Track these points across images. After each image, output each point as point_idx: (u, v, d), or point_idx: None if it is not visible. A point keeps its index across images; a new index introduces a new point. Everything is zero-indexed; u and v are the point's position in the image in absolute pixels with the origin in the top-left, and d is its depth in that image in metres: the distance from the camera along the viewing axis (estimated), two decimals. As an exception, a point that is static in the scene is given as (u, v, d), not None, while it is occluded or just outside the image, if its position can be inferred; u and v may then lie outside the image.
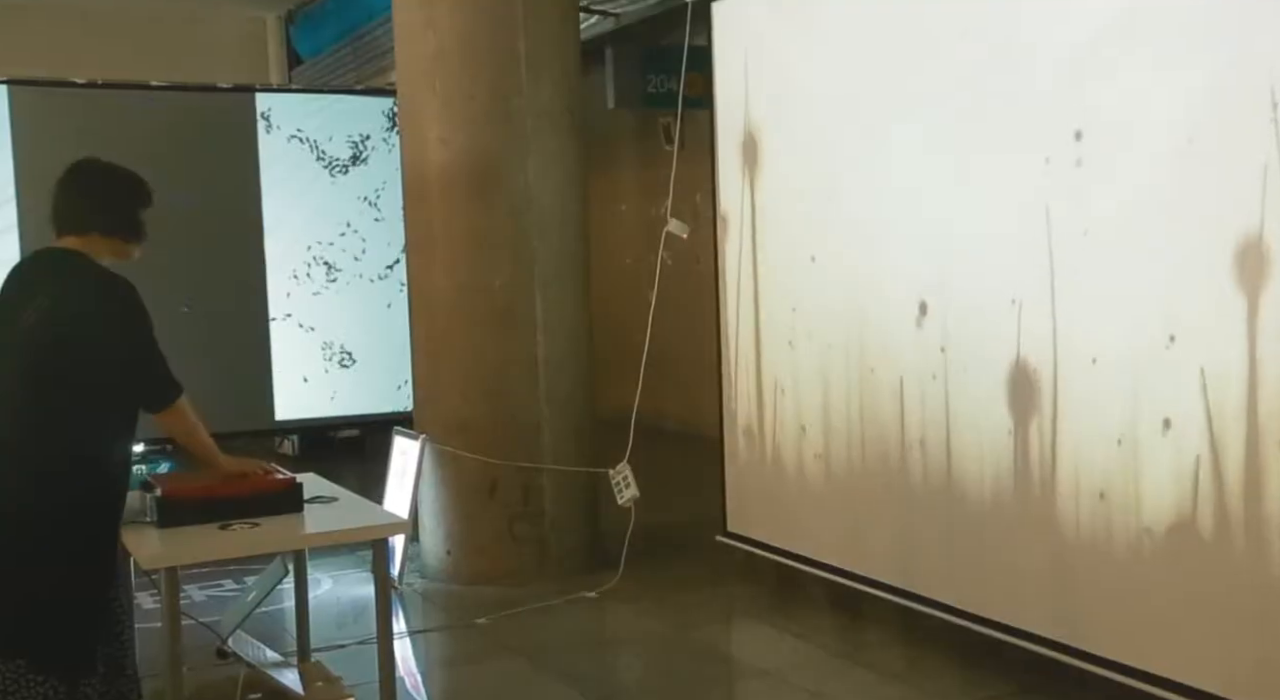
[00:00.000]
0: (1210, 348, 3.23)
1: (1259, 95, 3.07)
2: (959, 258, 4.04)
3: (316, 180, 7.70)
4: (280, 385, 7.60)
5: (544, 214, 5.37)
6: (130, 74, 8.26)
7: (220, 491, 3.40)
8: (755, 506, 5.23)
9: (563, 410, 5.43)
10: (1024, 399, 3.81)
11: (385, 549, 3.57)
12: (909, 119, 4.21)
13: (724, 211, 5.27)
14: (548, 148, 5.38)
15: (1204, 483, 3.27)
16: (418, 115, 5.44)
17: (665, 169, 5.62)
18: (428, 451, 5.43)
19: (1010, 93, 3.80)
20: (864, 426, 4.52)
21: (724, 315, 5.31)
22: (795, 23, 4.76)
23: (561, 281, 5.44)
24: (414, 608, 5.19)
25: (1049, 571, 3.78)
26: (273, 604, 4.80)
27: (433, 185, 5.40)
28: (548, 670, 4.35)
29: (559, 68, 5.42)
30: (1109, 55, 3.47)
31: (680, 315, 7.50)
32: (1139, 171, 3.41)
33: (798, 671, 4.22)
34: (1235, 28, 3.14)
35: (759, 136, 5.01)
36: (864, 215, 4.46)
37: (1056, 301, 3.68)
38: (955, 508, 4.11)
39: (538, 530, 5.39)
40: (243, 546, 3.35)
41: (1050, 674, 3.82)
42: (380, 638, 3.42)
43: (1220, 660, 3.28)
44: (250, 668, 3.80)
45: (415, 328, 5.65)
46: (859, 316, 4.51)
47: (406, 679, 4.43)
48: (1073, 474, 3.67)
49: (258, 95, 7.69)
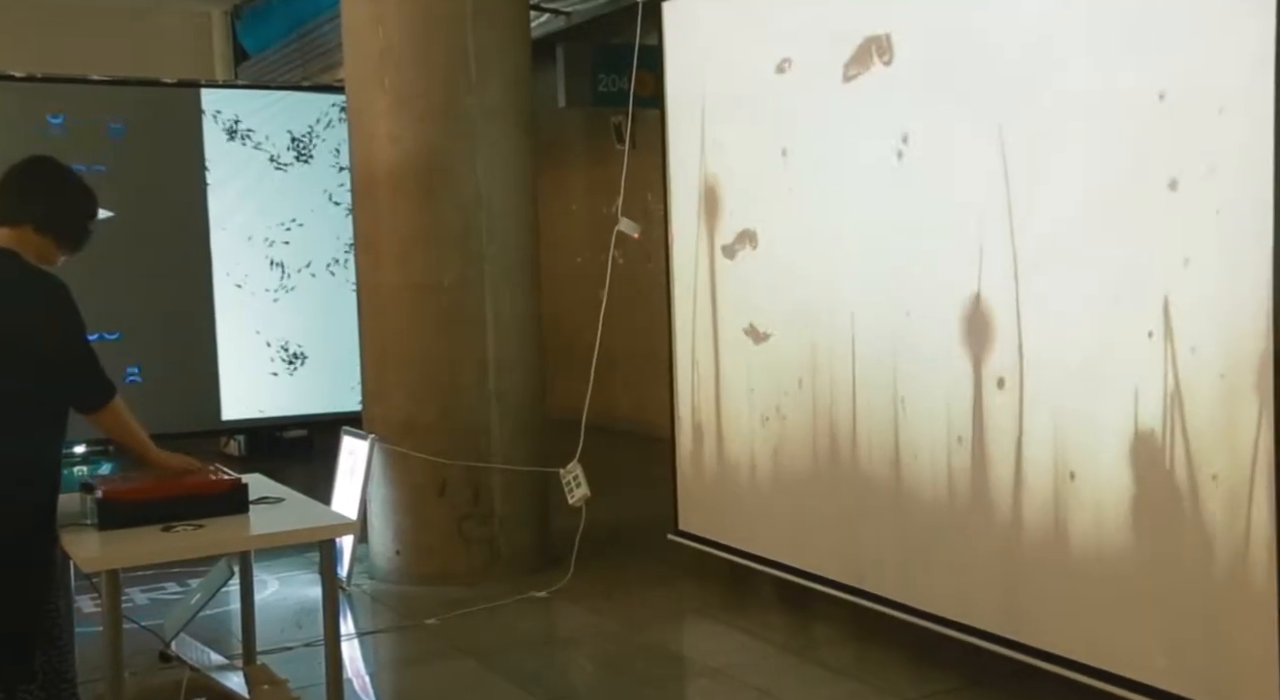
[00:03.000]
0: (1156, 347, 3.28)
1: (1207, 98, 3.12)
2: (913, 255, 4.07)
3: (263, 177, 7.62)
4: (227, 385, 7.51)
5: (494, 212, 5.35)
6: (72, 68, 8.12)
7: (163, 493, 3.35)
8: (706, 505, 5.24)
9: (513, 409, 5.41)
10: (973, 398, 3.85)
11: (332, 550, 3.53)
12: (860, 116, 4.23)
13: (675, 211, 5.27)
14: (498, 146, 5.35)
15: (1148, 482, 3.33)
16: (367, 112, 5.40)
17: (616, 168, 5.62)
18: (376, 451, 5.39)
19: (965, 84, 3.83)
20: (814, 425, 4.54)
21: (675, 314, 5.32)
22: (746, 21, 4.78)
23: (512, 280, 5.42)
24: (362, 609, 5.15)
25: (995, 568, 3.82)
26: (217, 606, 4.74)
27: (381, 183, 5.36)
28: (497, 670, 4.33)
29: (509, 66, 5.40)
30: (1059, 55, 3.52)
31: (631, 314, 7.51)
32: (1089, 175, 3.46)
33: (747, 669, 4.23)
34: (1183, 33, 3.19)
35: (710, 135, 5.02)
36: (816, 213, 4.48)
37: (1005, 303, 3.72)
38: (904, 506, 4.15)
39: (487, 530, 5.37)
40: (186, 548, 3.29)
41: (997, 668, 3.87)
42: (327, 639, 3.38)
43: (1161, 654, 3.33)
44: (194, 671, 3.75)
45: (363, 326, 5.60)
46: (810, 316, 4.53)
47: (354, 680, 4.39)
48: (1019, 473, 3.71)
49: (203, 91, 7.60)
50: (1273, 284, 2.98)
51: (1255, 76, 2.98)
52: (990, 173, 3.72)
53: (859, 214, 4.27)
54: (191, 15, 12.21)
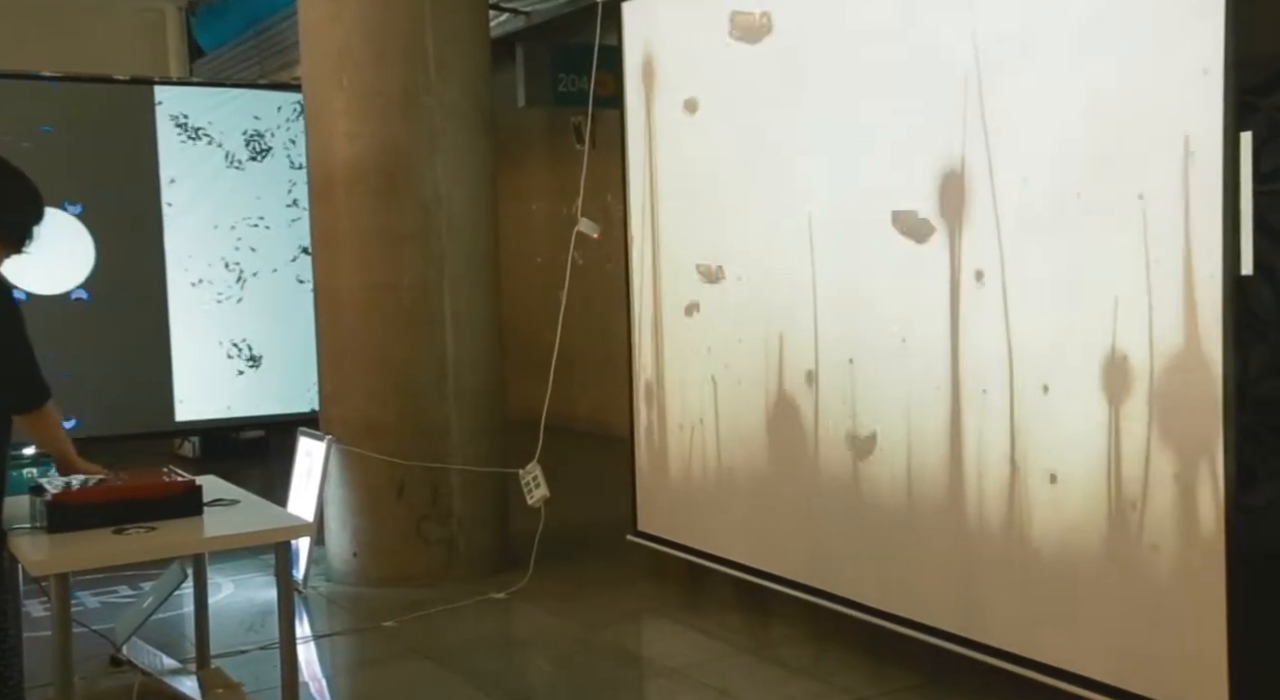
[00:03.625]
0: (1105, 349, 3.32)
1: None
2: (866, 256, 4.10)
3: (219, 175, 7.53)
4: (181, 385, 7.42)
5: (453, 212, 5.33)
6: (22, 63, 7.98)
7: (115, 495, 3.30)
8: (665, 506, 5.24)
9: (472, 410, 5.39)
10: (928, 399, 3.88)
11: (288, 552, 3.50)
12: (816, 120, 4.25)
13: (634, 210, 5.27)
14: (457, 145, 5.33)
15: (1102, 482, 3.36)
16: (324, 110, 5.35)
17: (576, 168, 5.61)
18: (334, 452, 5.35)
19: (923, 94, 3.86)
20: (771, 425, 4.55)
21: (634, 315, 5.31)
22: (705, 21, 4.78)
23: (471, 280, 5.40)
24: (319, 611, 5.11)
25: (952, 568, 3.85)
26: (171, 610, 4.69)
27: (339, 182, 5.32)
28: (456, 672, 4.31)
29: (468, 64, 5.37)
30: (1011, 64, 3.55)
31: (591, 315, 7.50)
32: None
33: (706, 669, 4.23)
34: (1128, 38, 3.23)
35: (667, 136, 5.02)
36: (772, 212, 4.49)
37: (959, 303, 3.75)
38: (861, 505, 4.17)
39: (446, 531, 5.34)
40: (138, 551, 3.25)
41: (955, 666, 3.89)
42: (283, 642, 3.35)
43: (1114, 652, 3.37)
44: (146, 676, 3.70)
45: (321, 326, 5.56)
46: (766, 316, 4.54)
47: (311, 684, 4.35)
48: (975, 473, 3.74)
49: (158, 88, 7.49)
50: (1222, 284, 3.03)
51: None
52: (956, 176, 3.75)
53: (817, 214, 4.28)
54: (145, 11, 12.06)
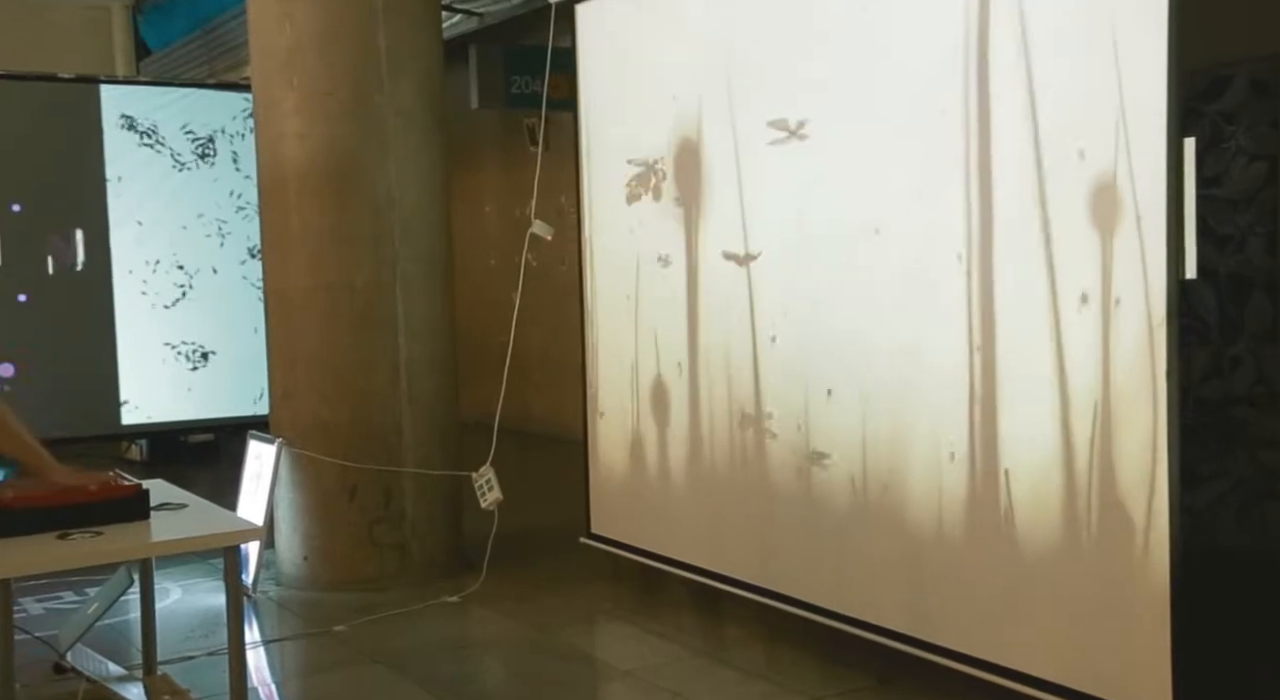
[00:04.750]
0: (1052, 350, 3.36)
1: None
2: (816, 256, 4.12)
3: (167, 176, 7.45)
4: (127, 388, 7.32)
5: (406, 213, 5.29)
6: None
7: (59, 499, 3.24)
8: (619, 508, 5.24)
9: (425, 412, 5.36)
10: (873, 402, 3.91)
11: (237, 556, 3.46)
12: (769, 117, 4.27)
13: (587, 213, 5.27)
14: (410, 146, 5.30)
15: (1053, 483, 3.41)
16: (274, 110, 5.30)
17: (530, 170, 5.60)
18: (285, 455, 5.29)
19: (872, 92, 3.89)
20: (726, 427, 4.57)
21: (587, 317, 5.31)
22: (658, 24, 4.79)
23: (424, 281, 5.37)
24: (269, 616, 5.05)
25: (903, 568, 3.88)
26: (117, 616, 4.61)
27: (290, 182, 5.27)
28: (408, 676, 4.28)
29: (421, 65, 5.34)
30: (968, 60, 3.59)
31: (545, 317, 7.49)
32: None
33: (660, 671, 4.24)
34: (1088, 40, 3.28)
35: (618, 138, 5.02)
36: (725, 211, 4.51)
37: (911, 304, 3.79)
38: (814, 506, 4.19)
39: (399, 534, 5.30)
40: (83, 556, 3.19)
41: (907, 667, 3.93)
42: (231, 647, 3.30)
43: (1062, 652, 3.41)
44: (90, 683, 3.64)
45: (271, 328, 5.50)
46: (719, 318, 4.56)
47: (260, 690, 4.31)
48: (925, 475, 3.77)
49: (103, 87, 7.39)
50: (1166, 288, 3.08)
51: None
52: (917, 175, 3.79)
53: (768, 213, 4.31)
54: (90, 9, 11.87)
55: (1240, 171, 3.33)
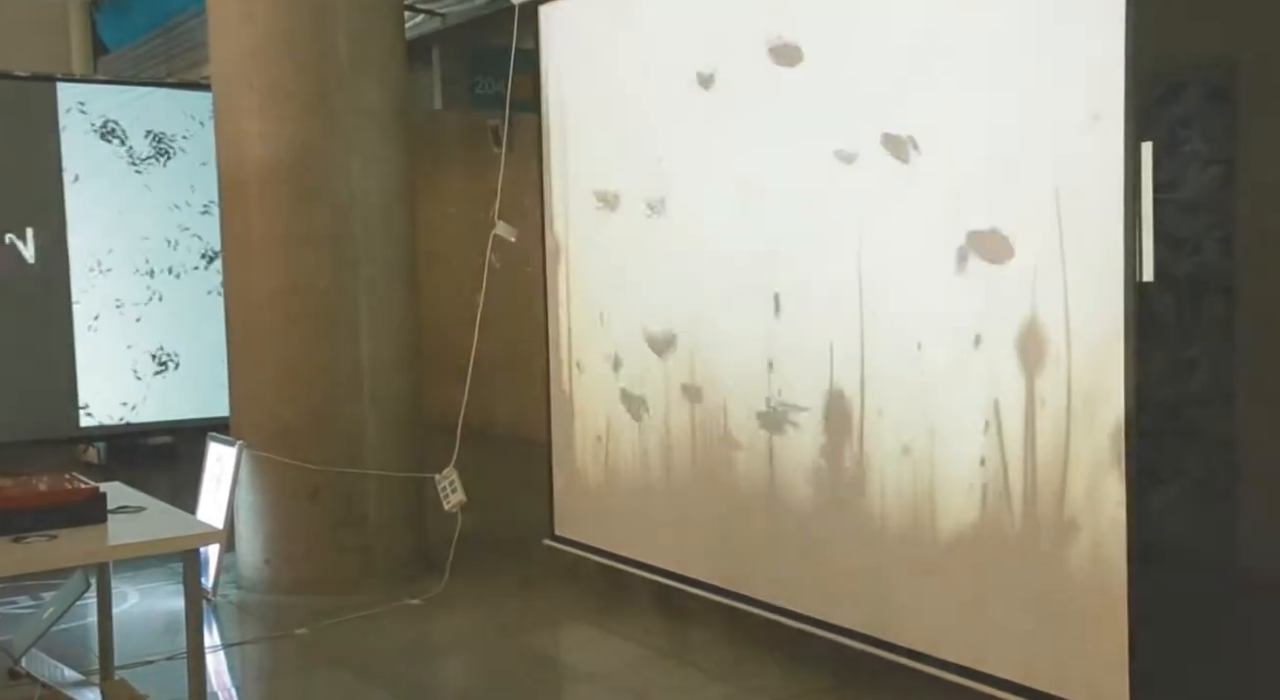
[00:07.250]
0: (1011, 352, 3.39)
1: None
2: (786, 258, 4.14)
3: (126, 176, 7.35)
4: (86, 389, 7.22)
5: (369, 214, 5.26)
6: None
7: (14, 502, 3.20)
8: (582, 510, 5.24)
9: (388, 414, 5.33)
10: (837, 407, 3.93)
11: (197, 559, 3.43)
12: (733, 120, 4.29)
13: (551, 215, 5.26)
14: (372, 147, 5.27)
15: (1011, 484, 3.44)
16: (235, 110, 5.25)
17: (494, 171, 5.58)
18: (245, 458, 5.25)
19: (836, 92, 3.92)
20: (689, 429, 4.58)
21: (552, 319, 5.30)
22: (621, 25, 4.80)
23: (387, 283, 5.34)
24: (229, 619, 5.01)
25: (862, 570, 3.91)
26: (73, 620, 4.55)
27: (251, 183, 5.22)
28: (371, 680, 4.26)
29: (383, 66, 5.31)
30: (930, 63, 3.62)
31: (509, 319, 7.46)
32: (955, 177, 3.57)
33: (624, 673, 4.24)
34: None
35: (583, 140, 5.02)
36: (690, 213, 4.52)
37: (873, 307, 3.81)
38: (776, 509, 4.21)
39: (361, 537, 5.27)
40: (38, 560, 3.16)
41: (870, 667, 3.95)
42: (190, 651, 3.28)
43: (1022, 652, 3.45)
44: (46, 689, 3.60)
45: (232, 330, 5.45)
46: (686, 319, 4.57)
47: (220, 694, 4.27)
48: (880, 477, 3.80)
49: (60, 85, 7.29)
50: (1124, 290, 3.12)
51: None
52: (864, 176, 3.81)
53: (736, 216, 4.32)
54: (47, 6, 11.71)
55: (1196, 175, 3.38)
